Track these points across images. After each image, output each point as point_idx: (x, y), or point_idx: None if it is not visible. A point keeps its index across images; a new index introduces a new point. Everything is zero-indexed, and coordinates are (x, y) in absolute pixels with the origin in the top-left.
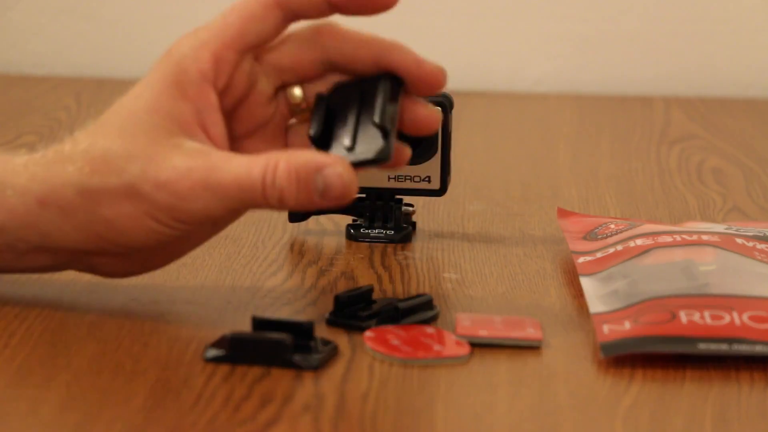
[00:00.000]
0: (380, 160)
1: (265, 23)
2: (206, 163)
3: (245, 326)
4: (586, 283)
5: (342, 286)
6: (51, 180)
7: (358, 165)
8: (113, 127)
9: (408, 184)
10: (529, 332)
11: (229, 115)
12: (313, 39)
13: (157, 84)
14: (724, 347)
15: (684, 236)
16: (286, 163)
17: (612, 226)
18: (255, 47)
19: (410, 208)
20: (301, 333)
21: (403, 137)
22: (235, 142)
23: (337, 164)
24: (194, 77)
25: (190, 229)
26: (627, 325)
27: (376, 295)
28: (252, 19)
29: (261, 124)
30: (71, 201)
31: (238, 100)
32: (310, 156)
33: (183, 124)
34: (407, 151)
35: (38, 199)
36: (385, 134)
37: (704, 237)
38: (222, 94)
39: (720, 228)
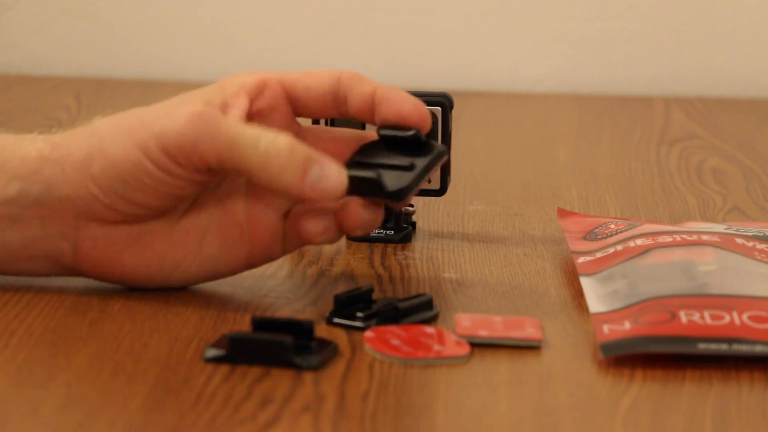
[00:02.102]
0: (394, 195)
1: (319, 82)
2: (216, 113)
3: (245, 326)
4: (586, 283)
5: (342, 286)
6: (66, 133)
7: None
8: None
9: None
10: (529, 332)
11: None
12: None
13: (207, 88)
14: (724, 347)
15: (684, 236)
16: (292, 140)
17: (612, 226)
18: (307, 104)
19: (410, 208)
20: (301, 333)
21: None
22: None
23: (335, 164)
24: (235, 84)
25: (177, 175)
26: (627, 325)
27: (376, 295)
28: (309, 74)
29: None
30: (79, 138)
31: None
32: (315, 151)
33: (212, 104)
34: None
35: (52, 144)
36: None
37: (704, 237)
38: (255, 115)
39: (720, 228)
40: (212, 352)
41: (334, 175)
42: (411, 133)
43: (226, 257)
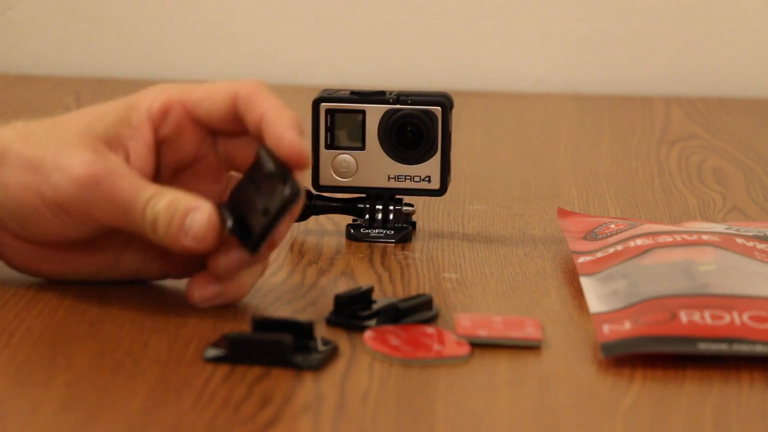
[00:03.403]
0: (249, 249)
1: (218, 104)
2: (108, 165)
3: (245, 326)
4: (586, 283)
5: (342, 286)
6: None
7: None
8: (57, 128)
9: (408, 184)
10: (529, 332)
11: (162, 153)
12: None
13: (113, 106)
14: (724, 347)
15: (684, 236)
16: (173, 197)
17: (612, 226)
18: (212, 125)
19: (410, 208)
20: (301, 333)
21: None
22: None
23: (205, 209)
24: (142, 111)
25: (73, 225)
26: (627, 325)
27: (376, 295)
28: (209, 95)
29: (193, 162)
30: None
31: (177, 153)
32: (191, 198)
33: (111, 140)
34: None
35: None
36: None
37: (704, 237)
38: (162, 141)
39: (720, 228)
40: (212, 352)
41: (199, 221)
42: (269, 170)
43: (144, 271)
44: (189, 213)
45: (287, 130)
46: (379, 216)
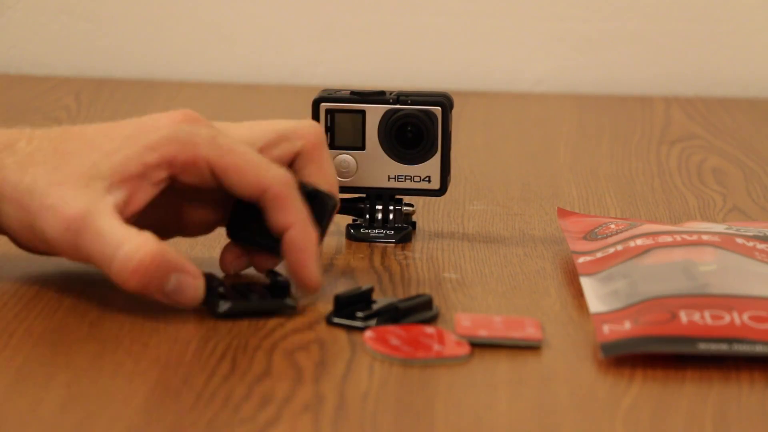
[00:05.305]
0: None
1: (244, 189)
2: (93, 205)
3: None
4: (586, 283)
5: (342, 286)
6: None
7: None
8: (60, 155)
9: (408, 184)
10: (529, 332)
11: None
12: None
13: (126, 139)
14: (724, 347)
15: (684, 236)
16: (156, 250)
17: (612, 226)
18: (224, 185)
19: (410, 208)
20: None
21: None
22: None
23: (197, 276)
24: (162, 153)
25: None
26: (627, 325)
27: (376, 295)
28: (239, 174)
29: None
30: None
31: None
32: (175, 256)
33: (115, 180)
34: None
35: None
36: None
37: (704, 237)
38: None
39: (720, 228)
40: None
41: (191, 287)
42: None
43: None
44: (172, 271)
45: (309, 260)
46: (379, 216)
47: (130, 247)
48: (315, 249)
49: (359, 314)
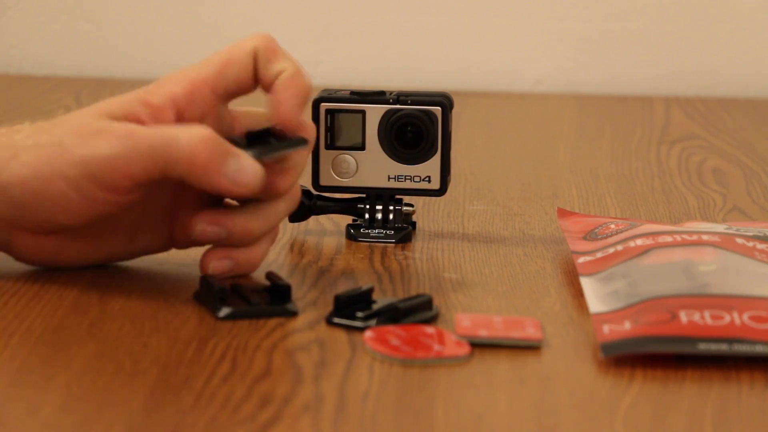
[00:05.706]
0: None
1: (243, 68)
2: (129, 126)
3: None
4: (586, 283)
5: (342, 286)
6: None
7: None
8: (67, 119)
9: (408, 184)
10: (529, 332)
11: None
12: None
13: (124, 94)
14: (724, 347)
15: (684, 236)
16: (209, 133)
17: (612, 226)
18: (234, 92)
19: (410, 208)
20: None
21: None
22: None
23: (249, 159)
24: (164, 94)
25: (102, 200)
26: (627, 325)
27: (376, 295)
28: (231, 63)
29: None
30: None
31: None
32: (230, 144)
33: (126, 115)
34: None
35: None
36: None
37: (704, 237)
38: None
39: (720, 228)
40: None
41: (251, 167)
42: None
43: (153, 246)
44: (230, 155)
45: (290, 100)
46: (379, 216)
47: (191, 128)
48: (305, 92)
49: (359, 314)
